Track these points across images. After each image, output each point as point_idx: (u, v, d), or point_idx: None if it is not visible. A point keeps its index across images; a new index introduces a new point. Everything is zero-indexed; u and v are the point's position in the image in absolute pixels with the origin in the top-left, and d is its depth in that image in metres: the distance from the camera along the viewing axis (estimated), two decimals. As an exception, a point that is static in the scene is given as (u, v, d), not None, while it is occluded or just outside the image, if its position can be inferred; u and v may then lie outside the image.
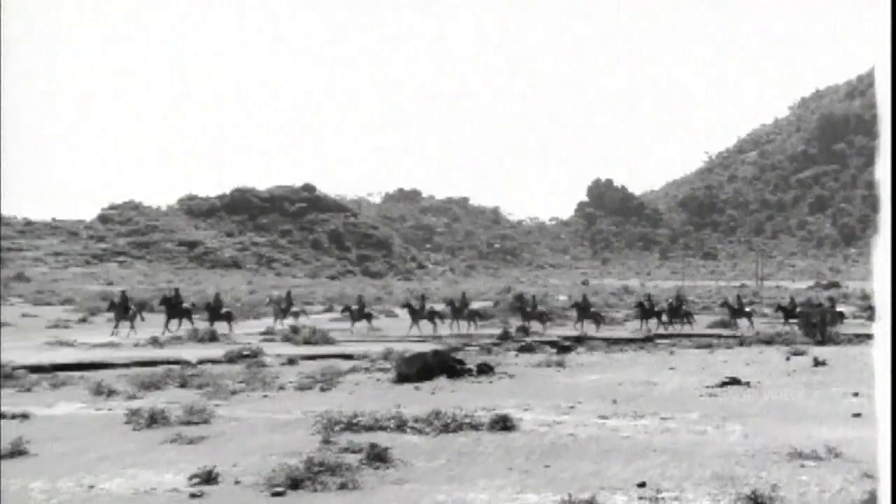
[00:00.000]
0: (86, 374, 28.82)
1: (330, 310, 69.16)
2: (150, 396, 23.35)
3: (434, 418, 17.79)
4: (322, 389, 24.99)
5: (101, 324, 53.73)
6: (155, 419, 18.42)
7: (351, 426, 17.46)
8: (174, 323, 47.86)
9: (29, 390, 25.54)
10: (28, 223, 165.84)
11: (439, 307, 56.78)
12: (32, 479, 13.85)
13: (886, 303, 6.66)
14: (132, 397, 23.44)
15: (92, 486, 13.24)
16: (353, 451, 14.66)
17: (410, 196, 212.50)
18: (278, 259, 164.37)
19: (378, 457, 14.38)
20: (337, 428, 17.25)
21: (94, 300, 64.21)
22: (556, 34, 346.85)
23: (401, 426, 17.51)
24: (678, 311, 54.01)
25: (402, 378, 26.54)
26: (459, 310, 53.81)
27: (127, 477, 13.83)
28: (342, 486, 12.71)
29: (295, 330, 46.75)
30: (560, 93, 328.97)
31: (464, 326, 51.33)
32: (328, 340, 42.54)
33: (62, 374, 28.23)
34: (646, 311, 54.56)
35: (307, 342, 41.70)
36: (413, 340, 42.60)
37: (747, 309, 53.70)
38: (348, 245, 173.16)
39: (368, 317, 54.01)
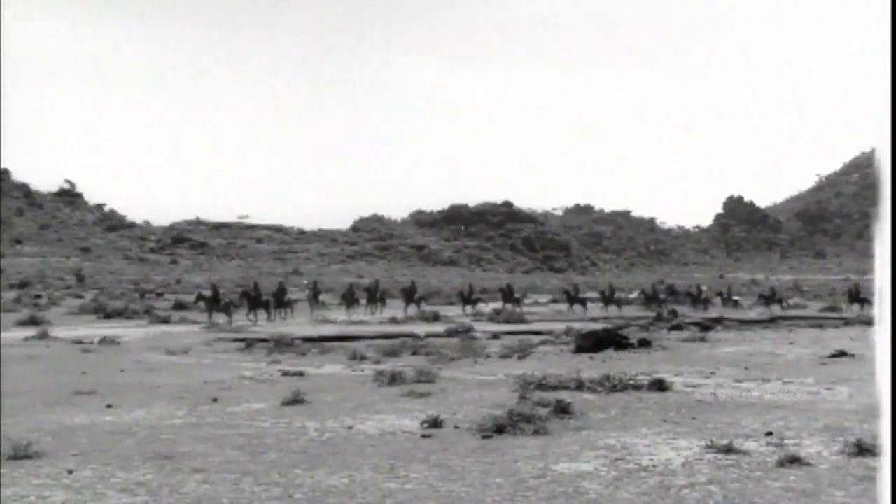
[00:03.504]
0: (344, 344, 29.39)
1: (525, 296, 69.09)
2: (391, 361, 23.63)
3: (605, 380, 17.63)
4: (518, 358, 24.97)
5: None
6: (395, 378, 18.63)
7: (541, 386, 17.40)
8: (254, 313, 43.24)
9: (303, 355, 26.14)
10: (301, 232, 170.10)
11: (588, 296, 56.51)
12: (308, 420, 14.15)
13: (886, 303, 6.30)
14: (377, 362, 23.77)
15: (350, 427, 13.46)
16: (543, 405, 14.59)
17: (585, 210, 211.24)
18: (484, 258, 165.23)
19: (562, 409, 14.31)
20: (530, 387, 17.20)
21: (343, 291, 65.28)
22: (704, 71, 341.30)
23: (579, 386, 17.39)
24: (771, 299, 54.25)
25: (579, 349, 26.40)
26: (609, 298, 53.97)
27: (376, 421, 14.03)
28: (535, 432, 12.67)
29: (497, 311, 46.94)
30: (699, 120, 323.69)
31: (613, 311, 51.14)
32: (523, 320, 42.60)
33: (327, 344, 28.86)
34: (767, 298, 54.33)
35: (507, 321, 41.84)
36: (587, 321, 42.36)
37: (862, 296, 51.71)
38: (537, 248, 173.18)
39: (583, 302, 53.58)
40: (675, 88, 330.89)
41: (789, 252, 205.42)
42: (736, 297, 59.35)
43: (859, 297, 51.13)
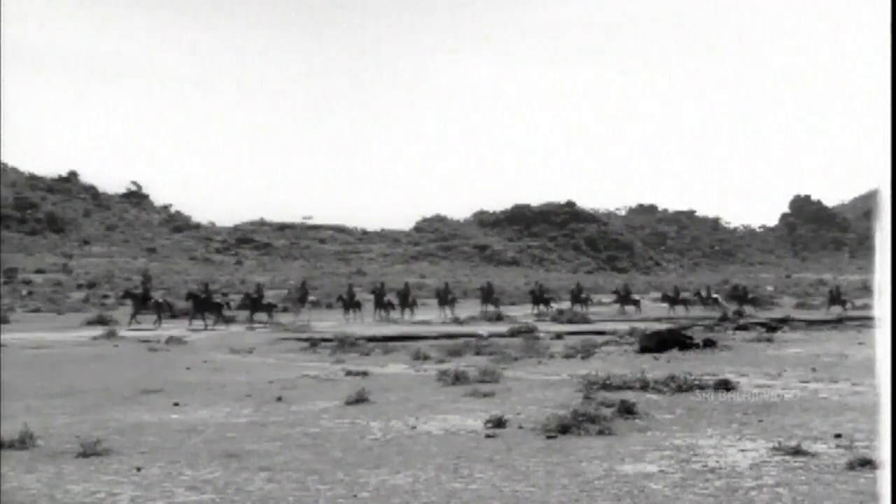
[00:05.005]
0: (407, 343, 29.47)
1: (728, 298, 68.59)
2: (454, 361, 23.64)
3: (670, 381, 17.48)
4: (582, 358, 24.85)
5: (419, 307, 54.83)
6: (458, 378, 18.64)
7: (605, 386, 17.31)
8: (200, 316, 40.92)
9: (367, 355, 26.26)
10: (364, 232, 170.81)
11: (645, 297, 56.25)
12: (372, 419, 14.20)
13: (886, 303, 6.16)
14: (441, 361, 23.79)
15: (414, 427, 13.48)
16: (608, 406, 14.50)
17: (648, 210, 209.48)
18: (547, 258, 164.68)
19: (627, 410, 14.21)
20: (594, 387, 17.13)
21: (414, 289, 65.34)
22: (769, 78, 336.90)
23: (644, 386, 17.27)
24: (837, 299, 53.50)
25: (643, 349, 26.21)
26: (675, 299, 53.80)
27: (439, 420, 14.04)
28: (600, 432, 12.60)
29: (561, 311, 46.86)
30: (765, 118, 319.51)
31: (678, 311, 50.88)
32: (586, 320, 42.47)
33: (390, 344, 28.96)
34: (834, 298, 53.78)
35: (570, 321, 41.75)
36: (651, 321, 42.10)
37: None
38: (600, 247, 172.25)
39: (636, 303, 53.50)
40: (740, 86, 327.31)
41: (857, 252, 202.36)
42: (715, 296, 58.76)
43: None
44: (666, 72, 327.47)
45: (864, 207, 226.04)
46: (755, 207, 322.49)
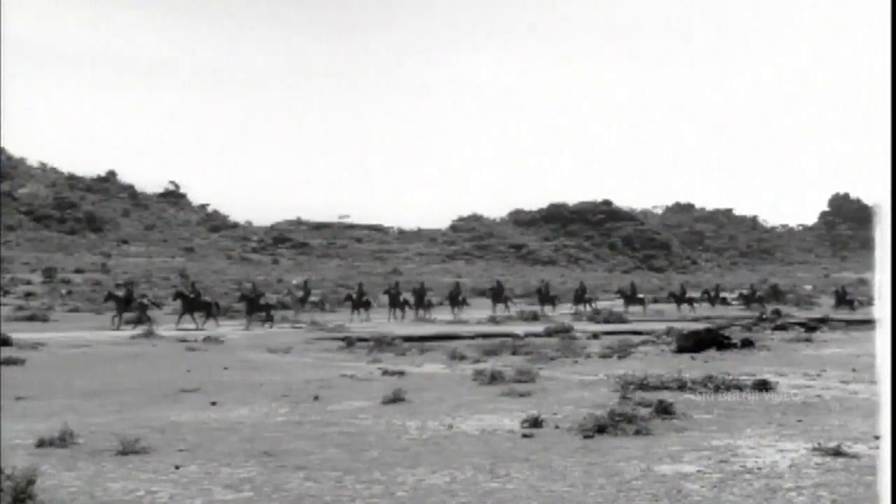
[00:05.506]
0: (443, 343, 29.52)
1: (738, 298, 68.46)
2: (490, 360, 23.66)
3: (708, 381, 17.39)
4: (619, 357, 24.80)
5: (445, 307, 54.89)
6: (494, 377, 18.63)
7: (642, 386, 17.24)
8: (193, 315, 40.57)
9: (403, 354, 26.35)
10: (401, 232, 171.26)
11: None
12: (409, 418, 14.22)
13: (886, 303, 6.07)
14: (477, 361, 23.82)
15: (451, 426, 13.48)
16: (645, 406, 14.43)
17: (685, 208, 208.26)
18: (583, 258, 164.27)
19: (664, 410, 14.14)
20: (631, 387, 17.06)
21: (445, 289, 65.40)
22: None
23: (681, 386, 17.18)
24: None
25: (680, 349, 26.12)
26: (680, 297, 53.90)
27: (476, 420, 14.03)
28: (637, 432, 12.55)
29: (597, 311, 46.78)
30: (802, 115, 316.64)
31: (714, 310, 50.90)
32: (622, 320, 42.36)
33: (426, 344, 29.01)
34: (840, 298, 53.92)
35: (606, 321, 41.65)
36: (688, 321, 41.93)
37: None
38: (637, 246, 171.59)
39: (642, 301, 53.44)
40: (780, 83, 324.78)
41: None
42: (723, 296, 58.49)
43: None
44: (704, 69, 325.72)
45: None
46: (794, 206, 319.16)
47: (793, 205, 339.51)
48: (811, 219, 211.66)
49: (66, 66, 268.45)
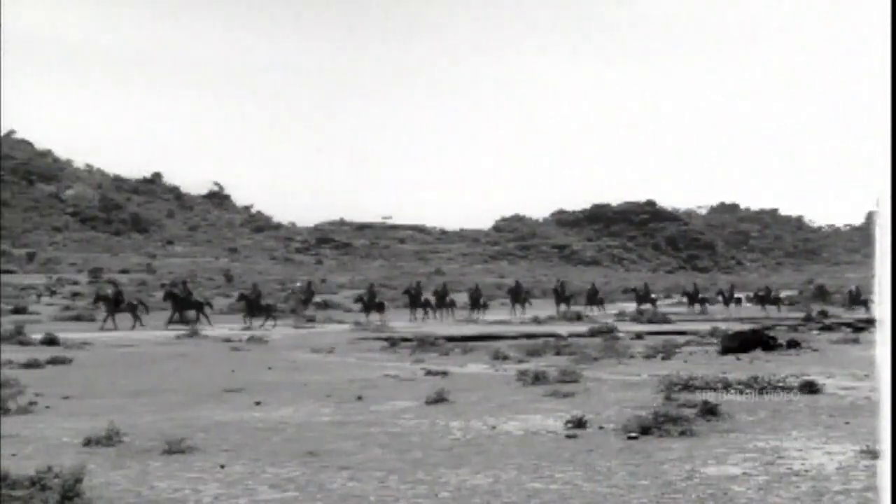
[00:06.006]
0: (486, 343, 29.48)
1: (668, 297, 68.26)
2: (534, 361, 23.61)
3: (753, 382, 17.23)
4: (663, 358, 24.65)
5: (495, 307, 54.88)
6: (538, 378, 18.59)
7: (687, 387, 17.10)
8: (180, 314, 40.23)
9: (447, 354, 26.35)
10: (443, 232, 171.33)
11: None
12: (452, 419, 14.22)
13: (886, 303, 5.96)
14: (520, 361, 23.77)
15: (494, 427, 13.47)
16: (689, 407, 14.31)
17: (730, 208, 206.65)
18: (626, 258, 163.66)
19: (709, 411, 14.02)
20: (676, 388, 16.94)
21: (489, 290, 65.37)
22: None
23: (726, 387, 17.03)
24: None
25: (725, 350, 25.91)
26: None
27: (519, 420, 14.01)
28: (682, 433, 12.46)
29: (640, 312, 46.59)
30: (848, 114, 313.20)
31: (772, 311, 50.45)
32: (666, 320, 42.15)
33: (469, 344, 28.99)
34: (854, 299, 53.14)
35: (650, 321, 41.46)
36: (733, 321, 41.65)
37: None
38: (681, 247, 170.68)
39: (653, 301, 53.27)
40: (825, 80, 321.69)
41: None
42: (739, 296, 58.10)
43: None
44: (748, 68, 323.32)
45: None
46: (840, 206, 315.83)
47: (839, 204, 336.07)
48: (858, 219, 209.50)
49: (113, 69, 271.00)
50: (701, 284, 72.65)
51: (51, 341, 29.13)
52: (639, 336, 32.57)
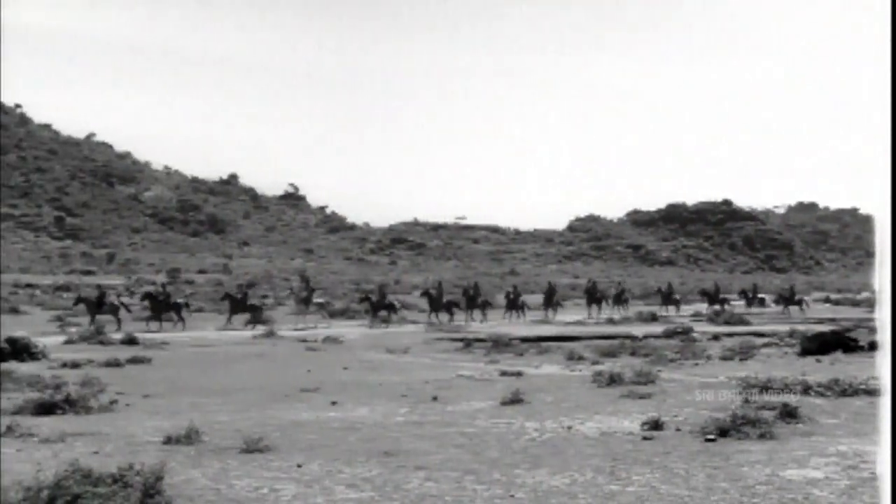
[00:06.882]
0: (561, 344, 29.36)
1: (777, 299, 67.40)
2: (609, 362, 23.47)
3: (834, 384, 16.94)
4: (740, 359, 24.36)
5: (569, 307, 54.66)
6: (613, 379, 18.48)
7: (765, 389, 16.86)
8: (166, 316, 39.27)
9: (521, 355, 26.30)
10: (518, 232, 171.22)
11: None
12: (528, 420, 14.18)
13: (886, 302, 5.79)
14: (595, 362, 23.66)
15: (570, 428, 13.41)
16: (768, 409, 14.12)
17: (809, 207, 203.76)
18: (702, 258, 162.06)
19: (789, 414, 13.82)
20: (754, 390, 16.72)
21: (562, 290, 65.08)
22: None
23: (806, 390, 16.75)
24: None
25: (805, 352, 25.50)
26: (713, 296, 53.69)
27: (595, 422, 13.93)
28: (761, 436, 12.30)
29: (717, 313, 46.05)
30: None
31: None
32: (743, 321, 41.62)
33: (544, 344, 28.90)
34: None
35: (727, 322, 40.98)
36: (812, 322, 41.01)
37: None
38: (758, 247, 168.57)
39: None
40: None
41: None
42: (761, 296, 56.94)
43: None
44: (827, 63, 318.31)
45: None
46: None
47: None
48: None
49: (192, 72, 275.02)
50: (778, 285, 71.65)
51: (130, 341, 29.65)
52: (715, 337, 32.19)
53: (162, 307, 39.57)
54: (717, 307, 51.52)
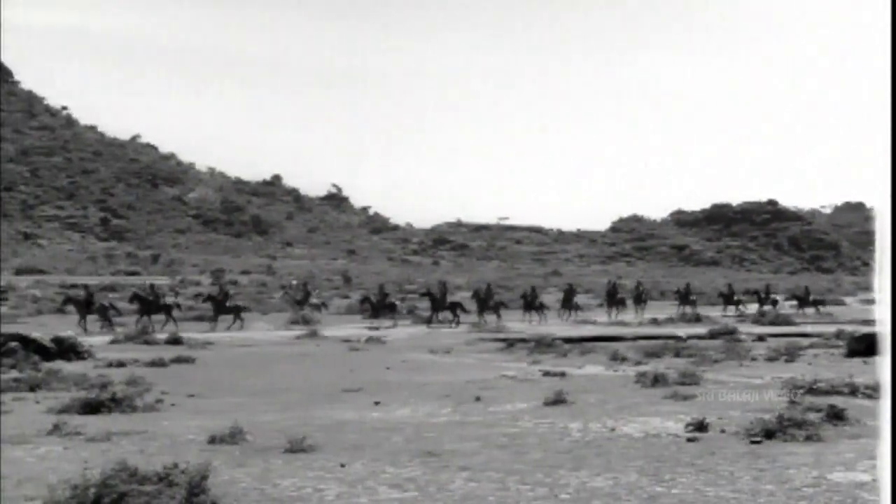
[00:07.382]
0: (604, 344, 29.24)
1: (790, 299, 66.86)
2: (652, 363, 23.35)
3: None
4: (786, 360, 24.15)
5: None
6: (657, 380, 18.37)
7: (811, 390, 16.71)
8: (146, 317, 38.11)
9: (565, 356, 26.22)
10: (561, 233, 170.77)
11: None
12: (571, 420, 14.12)
13: (886, 302, 5.69)
14: (639, 363, 23.54)
15: (613, 429, 13.34)
16: (815, 411, 13.97)
17: (856, 207, 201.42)
18: (747, 258, 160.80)
19: (836, 415, 13.66)
20: (800, 391, 16.57)
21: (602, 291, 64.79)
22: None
23: (853, 391, 16.58)
24: None
25: (851, 353, 25.23)
26: (728, 297, 53.34)
27: (639, 423, 13.84)
28: (808, 438, 12.16)
29: (762, 314, 45.72)
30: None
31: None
32: (789, 322, 41.30)
33: (587, 345, 28.80)
34: None
35: (772, 323, 40.69)
36: (858, 323, 40.56)
37: None
38: (804, 247, 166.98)
39: (693, 303, 52.04)
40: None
41: None
42: (774, 296, 56.06)
43: None
44: (869, 62, 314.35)
45: None
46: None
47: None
48: None
49: (235, 74, 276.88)
50: (823, 286, 70.92)
51: (175, 341, 29.90)
52: (761, 338, 31.93)
53: (150, 308, 38.81)
54: (732, 307, 51.58)
